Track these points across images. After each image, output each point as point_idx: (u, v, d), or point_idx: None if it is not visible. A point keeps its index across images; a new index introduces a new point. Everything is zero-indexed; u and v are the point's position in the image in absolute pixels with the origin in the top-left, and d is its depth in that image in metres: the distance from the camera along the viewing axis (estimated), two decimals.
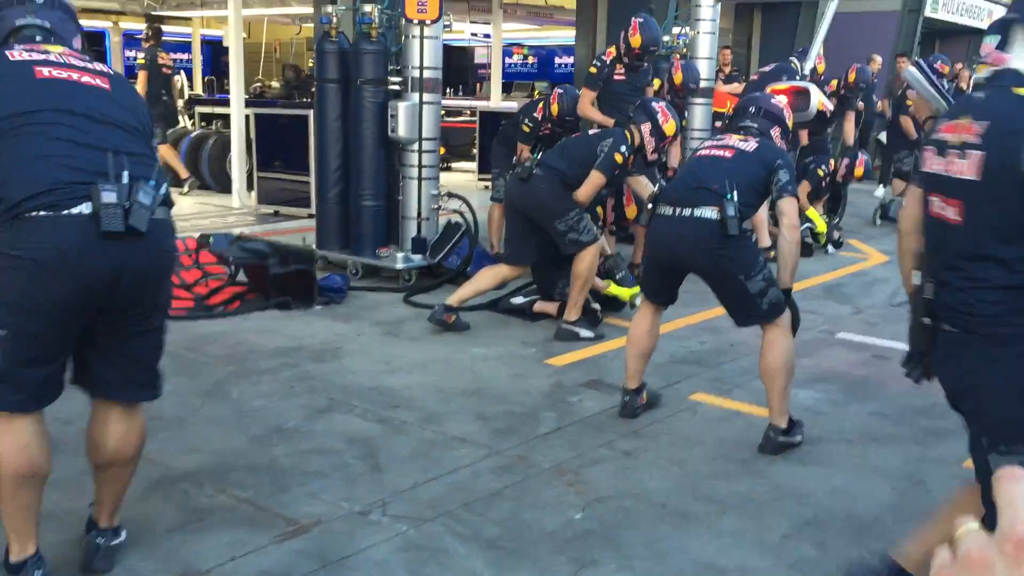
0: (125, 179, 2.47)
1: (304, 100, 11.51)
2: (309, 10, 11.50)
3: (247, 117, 9.84)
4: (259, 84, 13.66)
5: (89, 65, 2.63)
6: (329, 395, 4.46)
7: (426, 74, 6.52)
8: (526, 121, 7.25)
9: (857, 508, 3.46)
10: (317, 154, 7.27)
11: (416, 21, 6.37)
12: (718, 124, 10.39)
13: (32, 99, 2.48)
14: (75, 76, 2.56)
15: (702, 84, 8.65)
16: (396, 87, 6.59)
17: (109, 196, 2.41)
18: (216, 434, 3.97)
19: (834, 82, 9.56)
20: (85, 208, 2.41)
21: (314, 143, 7.79)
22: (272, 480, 3.54)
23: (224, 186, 10.56)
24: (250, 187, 9.99)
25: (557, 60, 18.55)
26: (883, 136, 12.24)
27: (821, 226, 8.40)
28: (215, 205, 10.17)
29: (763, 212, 6.23)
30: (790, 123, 4.31)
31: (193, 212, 9.78)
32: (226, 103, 10.37)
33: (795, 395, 4.30)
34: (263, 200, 9.68)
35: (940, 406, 4.61)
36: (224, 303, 4.27)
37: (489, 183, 11.14)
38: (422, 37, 6.44)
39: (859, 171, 8.74)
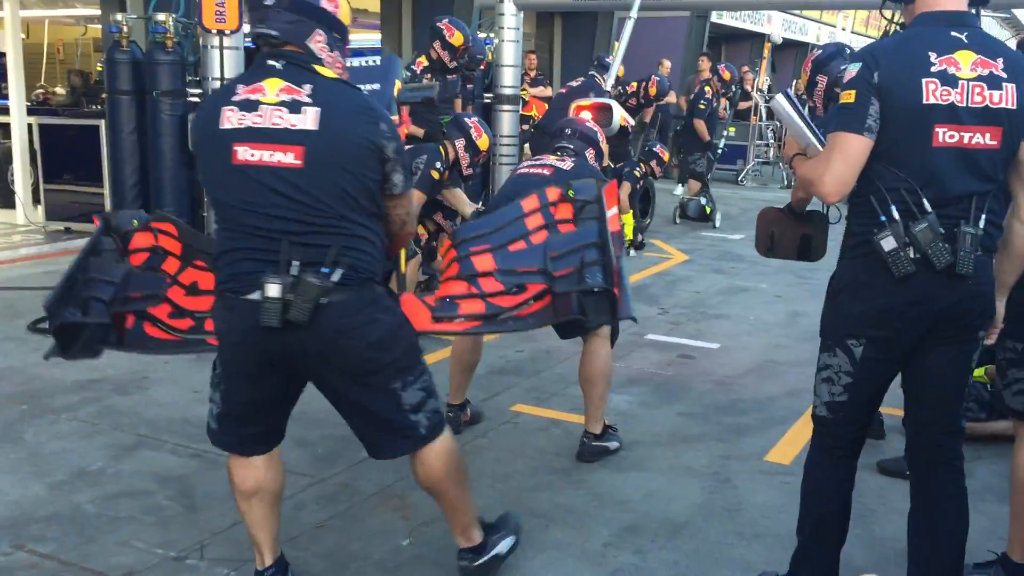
0: (294, 269, 2.46)
1: (93, 108, 10.82)
2: (95, 12, 10.85)
3: (30, 126, 9.16)
4: (42, 90, 12.72)
5: (291, 124, 2.48)
6: (136, 431, 4.23)
7: None
8: None
9: (671, 510, 3.63)
10: (111, 169, 6.87)
11: (214, 31, 6.13)
12: (524, 127, 10.63)
13: (225, 190, 2.56)
14: (266, 156, 2.49)
15: (508, 92, 8.82)
16: (196, 99, 6.33)
17: (272, 289, 2.45)
18: (9, 483, 3.69)
19: (634, 84, 10.01)
20: (258, 296, 2.48)
21: (107, 159, 7.35)
22: (77, 530, 3.32)
23: (6, 201, 9.76)
24: (36, 201, 9.30)
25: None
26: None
27: (629, 232, 8.74)
28: None
29: None
30: (604, 146, 4.50)
31: None
32: (5, 111, 9.61)
33: (609, 399, 4.46)
34: (52, 216, 9.03)
35: (741, 403, 4.94)
36: (521, 304, 3.21)
37: None
38: (222, 47, 6.21)
39: (665, 155, 9.47)
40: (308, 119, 2.48)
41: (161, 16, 6.27)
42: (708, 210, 11.01)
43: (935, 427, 2.74)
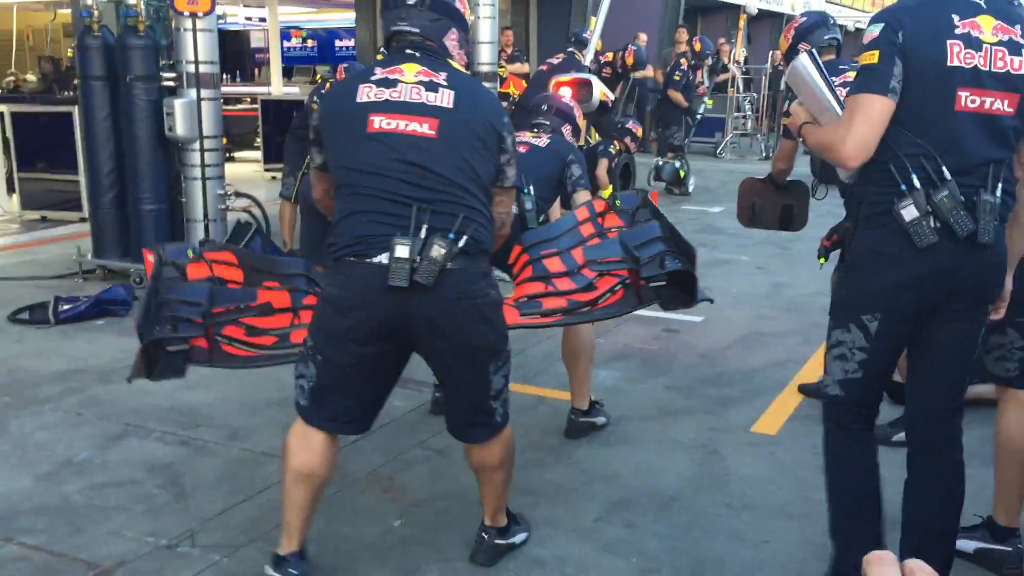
0: (423, 233, 2.54)
1: (65, 94, 10.69)
2: None
3: (1, 114, 9.03)
4: (13, 78, 12.54)
5: (428, 99, 2.65)
6: (122, 420, 4.21)
7: (202, 68, 6.19)
8: (315, 100, 7.09)
9: (660, 484, 3.65)
10: (86, 157, 6.79)
11: (187, 13, 6.04)
12: (504, 105, 10.61)
13: (355, 159, 2.65)
14: (402, 125, 2.62)
15: (485, 69, 8.77)
16: (170, 83, 6.25)
17: (402, 250, 2.52)
18: None
19: (610, 54, 10.01)
20: (383, 258, 2.56)
21: (82, 145, 7.26)
22: (66, 521, 3.30)
23: None
24: (11, 190, 9.19)
25: (338, 43, 18.19)
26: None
27: None
28: None
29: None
30: (580, 123, 4.49)
31: None
32: None
33: (595, 375, 4.47)
34: (27, 204, 8.93)
35: (725, 375, 4.97)
36: (597, 299, 3.43)
37: (276, 174, 10.81)
38: (195, 30, 6.12)
39: (639, 131, 9.51)
40: (444, 98, 2.66)
41: (132, 0, 6.18)
42: (682, 174, 11.09)
43: (940, 402, 2.70)
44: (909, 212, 2.43)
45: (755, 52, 20.54)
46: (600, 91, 6.73)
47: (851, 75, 3.95)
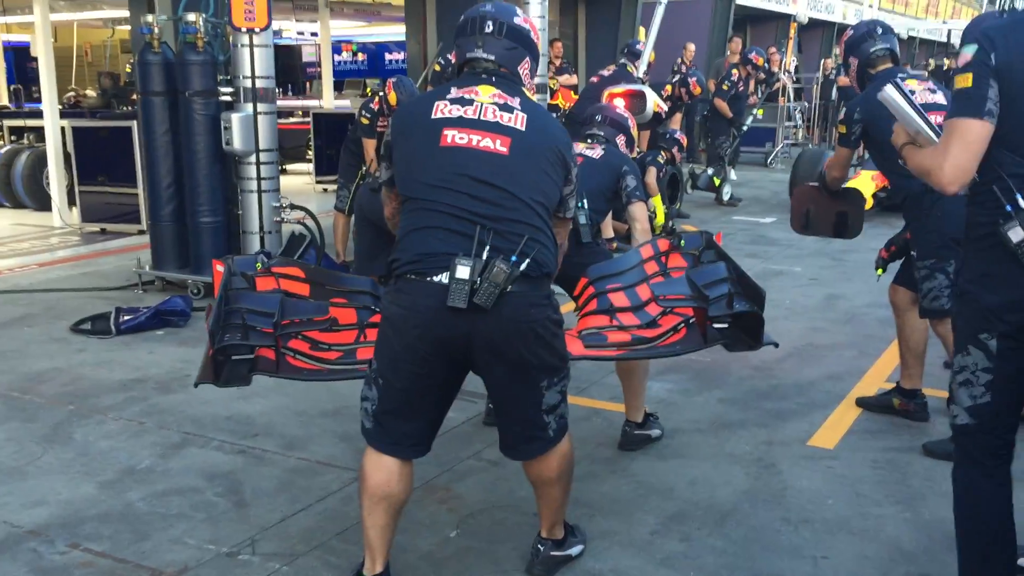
0: (485, 254, 2.55)
1: (124, 109, 10.94)
2: (123, 13, 10.94)
3: (63, 129, 9.28)
4: (73, 93, 12.87)
5: (502, 119, 2.68)
6: (182, 429, 4.29)
7: (259, 83, 6.33)
8: (364, 114, 7.19)
9: (716, 497, 3.62)
10: (146, 171, 6.96)
11: (244, 29, 6.16)
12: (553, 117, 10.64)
13: (426, 172, 2.67)
14: (475, 140, 2.65)
15: (535, 80, 8.81)
16: (228, 98, 6.37)
17: (462, 271, 2.52)
18: (61, 483, 3.75)
19: (669, 87, 9.97)
20: (444, 278, 2.56)
21: (141, 160, 7.45)
22: (129, 528, 3.37)
23: (42, 204, 9.93)
24: (71, 203, 9.43)
25: (388, 56, 18.41)
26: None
27: (660, 217, 8.73)
28: (33, 225, 9.55)
29: None
30: (634, 132, 4.48)
31: (8, 235, 9.15)
32: (37, 115, 9.76)
33: (648, 388, 4.45)
34: (87, 217, 9.16)
35: (782, 387, 4.92)
36: (660, 336, 3.52)
37: (327, 186, 10.96)
38: (252, 45, 6.25)
39: (684, 140, 9.67)
40: (517, 120, 2.69)
41: (191, 16, 6.32)
42: (717, 182, 11.11)
43: (1010, 419, 2.59)
44: (1016, 234, 2.38)
45: (806, 61, 20.34)
46: (653, 102, 6.72)
47: (910, 83, 3.93)
